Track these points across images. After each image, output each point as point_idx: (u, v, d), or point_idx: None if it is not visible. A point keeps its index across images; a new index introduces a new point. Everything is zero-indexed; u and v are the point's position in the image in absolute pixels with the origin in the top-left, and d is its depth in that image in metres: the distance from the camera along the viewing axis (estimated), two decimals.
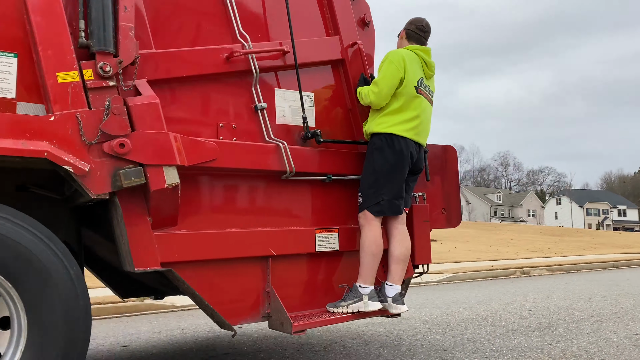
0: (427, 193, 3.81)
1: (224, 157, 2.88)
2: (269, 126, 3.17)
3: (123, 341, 4.67)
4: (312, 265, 3.30)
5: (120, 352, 4.24)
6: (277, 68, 3.28)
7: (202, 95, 3.02)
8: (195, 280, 2.81)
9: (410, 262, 3.54)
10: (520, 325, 5.14)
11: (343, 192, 3.45)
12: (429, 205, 3.79)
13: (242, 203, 3.11)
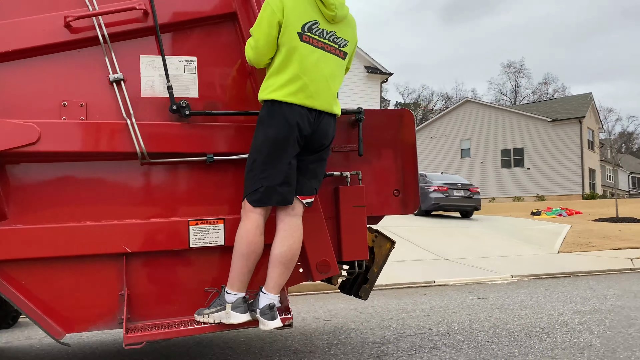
0: (372, 171, 3.10)
1: (51, 140, 2.50)
2: (127, 100, 2.65)
3: (324, 316, 5.04)
4: (185, 264, 2.73)
5: (324, 325, 4.59)
6: (139, 31, 2.70)
7: (37, 71, 2.59)
8: (29, 281, 2.49)
9: (329, 262, 2.81)
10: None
11: (233, 175, 2.80)
12: (376, 186, 3.10)
13: (89, 192, 2.63)
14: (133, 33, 2.71)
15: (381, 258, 3.34)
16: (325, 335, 4.11)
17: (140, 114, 2.66)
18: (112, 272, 2.62)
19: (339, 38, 2.65)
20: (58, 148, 2.53)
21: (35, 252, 2.50)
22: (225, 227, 2.73)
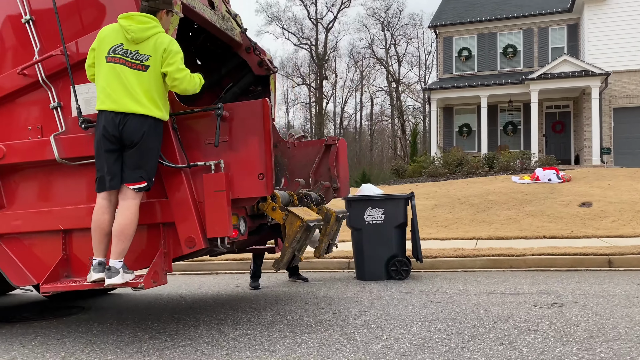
0: (239, 159, 3.57)
1: (12, 154, 3.90)
2: (61, 121, 3.81)
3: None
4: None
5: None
6: (65, 70, 3.74)
7: (13, 106, 3.97)
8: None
9: (194, 238, 3.50)
10: None
11: None
12: (243, 171, 3.57)
13: (43, 187, 3.95)
14: (60, 72, 3.80)
15: (292, 234, 3.90)
16: None
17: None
18: (57, 243, 3.90)
19: (141, 55, 3.40)
20: (18, 160, 3.90)
21: (16, 228, 3.98)
22: None
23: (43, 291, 3.76)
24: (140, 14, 3.46)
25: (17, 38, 4.01)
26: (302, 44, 53.06)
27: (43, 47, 3.91)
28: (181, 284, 6.89)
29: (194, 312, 4.90)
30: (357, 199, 6.57)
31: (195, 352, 3.53)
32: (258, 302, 5.25)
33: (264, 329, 4.09)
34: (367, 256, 6.46)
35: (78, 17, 3.83)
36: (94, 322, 4.61)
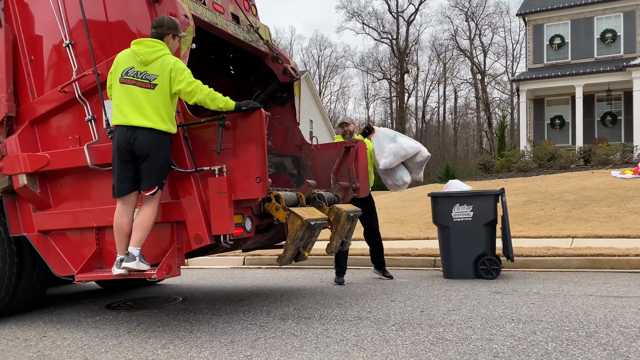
0: (238, 164, 3.90)
1: (55, 162, 4.40)
2: (94, 132, 4.27)
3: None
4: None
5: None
6: (98, 86, 4.15)
7: (58, 119, 4.48)
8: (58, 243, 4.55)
9: (201, 235, 3.87)
10: None
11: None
12: (243, 175, 3.89)
13: (81, 189, 4.44)
14: (93, 89, 4.23)
15: (293, 232, 4.17)
16: None
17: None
18: (92, 235, 4.40)
19: (149, 75, 3.77)
20: (60, 166, 4.41)
21: (60, 225, 4.52)
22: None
23: (77, 280, 4.21)
24: (149, 39, 3.84)
25: (60, 60, 4.50)
26: (383, 39, 52.59)
27: (80, 67, 4.37)
28: (268, 278, 7.10)
29: (282, 305, 5.03)
30: (443, 195, 6.43)
31: (285, 344, 3.63)
32: (344, 298, 5.29)
33: (351, 325, 4.12)
34: (454, 254, 6.30)
35: (109, 40, 4.26)
36: (190, 312, 4.87)
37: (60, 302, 5.75)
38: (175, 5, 4.09)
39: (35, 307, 5.33)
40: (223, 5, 5.01)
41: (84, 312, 5.08)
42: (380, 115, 57.54)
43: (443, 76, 52.05)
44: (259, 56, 5.52)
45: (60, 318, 4.86)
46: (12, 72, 4.62)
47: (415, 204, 13.33)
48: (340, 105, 65.98)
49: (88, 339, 4.01)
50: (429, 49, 63.98)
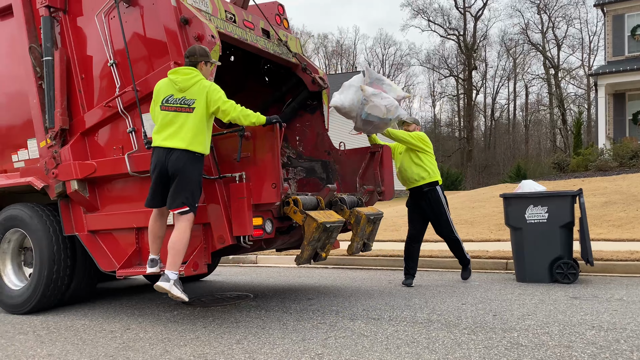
0: (257, 171, 4.22)
1: (101, 169, 4.87)
2: (134, 142, 4.69)
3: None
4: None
5: None
6: (136, 101, 4.59)
7: (104, 130, 4.97)
8: (104, 241, 5.01)
9: (224, 236, 4.21)
10: None
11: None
12: (261, 181, 4.21)
13: (123, 194, 4.88)
14: (134, 103, 4.67)
15: (309, 234, 4.45)
16: None
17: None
18: (133, 235, 4.84)
19: (187, 99, 4.04)
20: (105, 173, 4.87)
21: (106, 226, 4.99)
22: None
23: (119, 275, 4.68)
24: (184, 68, 4.13)
25: (106, 78, 4.96)
26: (449, 35, 51.48)
27: (123, 83, 4.78)
28: (335, 277, 7.16)
29: (350, 305, 5.07)
30: (516, 196, 6.22)
31: (355, 344, 3.66)
32: (412, 300, 5.25)
33: (421, 327, 4.09)
34: (528, 257, 6.08)
35: (147, 59, 4.68)
36: (261, 309, 5.01)
37: (140, 297, 6.08)
38: (203, 27, 4.43)
39: (87, 299, 5.80)
40: (253, 21, 5.45)
41: (162, 307, 5.36)
42: (447, 113, 56.38)
43: (513, 72, 50.23)
44: (289, 67, 5.97)
45: (141, 312, 5.15)
46: (65, 89, 5.11)
47: (485, 204, 12.97)
48: (405, 104, 65.22)
49: (167, 332, 4.23)
50: (497, 44, 61.87)
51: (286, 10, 6.23)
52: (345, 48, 63.86)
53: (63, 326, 4.64)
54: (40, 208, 5.32)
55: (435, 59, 53.94)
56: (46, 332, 4.45)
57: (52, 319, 4.98)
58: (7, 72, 5.60)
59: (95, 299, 5.98)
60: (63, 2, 5.17)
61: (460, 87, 51.61)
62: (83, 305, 5.61)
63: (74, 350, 3.85)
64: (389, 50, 64.68)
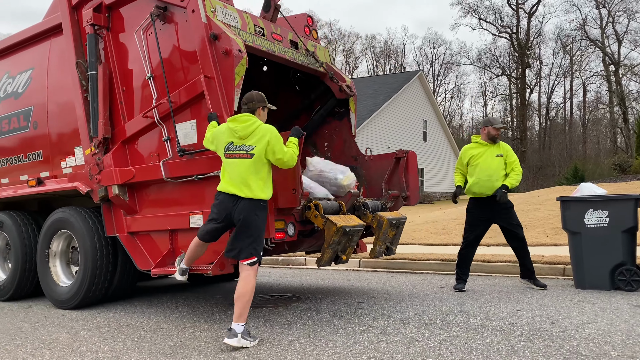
0: (280, 177, 4.42)
1: (139, 175, 5.19)
2: (169, 150, 5.00)
3: None
4: (188, 236, 4.81)
5: None
6: (171, 112, 4.86)
7: (142, 139, 5.29)
8: (143, 243, 5.32)
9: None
10: None
11: (208, 186, 4.71)
12: (280, 188, 4.44)
13: (159, 198, 5.20)
14: (168, 114, 4.93)
15: (329, 237, 4.59)
16: None
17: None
18: (167, 237, 5.12)
19: (247, 146, 4.07)
20: (143, 178, 5.19)
21: (144, 227, 5.30)
22: (204, 216, 4.65)
23: (153, 273, 4.96)
24: (242, 115, 4.17)
25: (144, 90, 5.28)
26: (501, 33, 50.19)
27: (159, 95, 5.08)
28: (385, 281, 7.12)
29: (401, 310, 5.03)
30: (575, 199, 6.00)
31: (407, 349, 3.64)
32: (465, 305, 5.16)
33: (474, 333, 4.01)
34: (587, 263, 5.85)
35: (180, 73, 4.96)
36: (312, 311, 5.05)
37: (195, 297, 6.27)
38: (231, 42, 4.62)
39: (128, 297, 6.12)
40: (282, 34, 5.69)
41: (216, 307, 5.50)
42: (499, 113, 54.91)
43: (569, 69, 48.41)
44: (318, 76, 6.20)
45: (197, 311, 5.31)
46: (108, 100, 5.45)
47: (540, 207, 12.56)
48: (455, 104, 64.10)
49: (222, 331, 4.34)
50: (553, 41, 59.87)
51: (316, 21, 6.51)
52: (394, 48, 63.42)
53: (123, 323, 4.84)
54: (84, 211, 5.69)
55: (486, 58, 52.70)
56: (108, 328, 4.66)
57: (112, 316, 5.21)
58: (58, 84, 6.05)
59: (152, 298, 6.21)
60: (106, 20, 5.54)
61: (513, 86, 50.20)
62: (141, 304, 5.84)
63: (134, 347, 4.02)
64: (438, 50, 63.77)
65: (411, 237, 10.79)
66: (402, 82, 32.79)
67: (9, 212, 6.47)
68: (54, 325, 4.90)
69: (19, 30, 6.70)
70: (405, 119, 31.87)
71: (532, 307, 4.96)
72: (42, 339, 4.36)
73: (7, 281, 6.35)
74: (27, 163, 6.47)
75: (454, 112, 62.20)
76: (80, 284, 5.53)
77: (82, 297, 5.52)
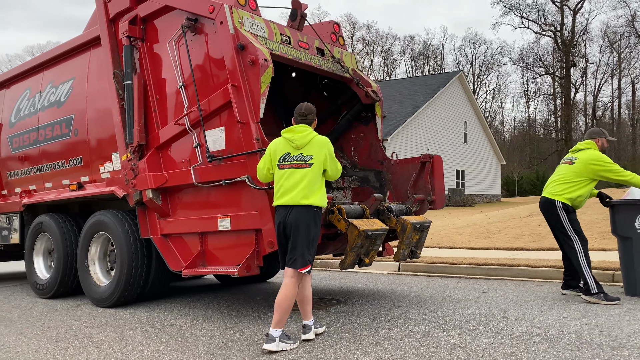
0: None
1: (171, 180, 5.40)
2: (199, 156, 5.17)
3: None
4: (216, 238, 5.18)
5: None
6: (200, 119, 5.06)
7: (175, 145, 5.49)
8: (176, 244, 5.52)
9: (273, 241, 4.52)
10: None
11: (235, 190, 4.92)
12: None
13: (190, 202, 5.41)
14: (198, 121, 5.12)
15: (352, 241, 4.62)
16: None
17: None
18: (197, 239, 5.31)
19: (305, 156, 4.09)
20: (175, 183, 5.40)
21: (176, 230, 5.49)
22: (231, 220, 4.92)
23: (184, 274, 5.14)
24: (298, 126, 4.21)
25: (176, 98, 5.49)
26: (545, 31, 48.91)
27: (190, 103, 5.26)
28: (425, 285, 7.03)
29: (443, 315, 4.96)
30: (625, 203, 5.77)
31: (449, 355, 3.58)
32: (509, 311, 5.04)
33: (519, 340, 3.91)
34: (638, 269, 5.61)
35: (209, 82, 5.13)
36: (351, 315, 5.04)
37: (236, 298, 6.35)
38: (257, 52, 4.77)
39: (162, 296, 6.32)
40: (308, 42, 5.84)
41: (257, 308, 5.56)
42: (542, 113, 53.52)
43: (618, 67, 46.70)
44: (344, 81, 6.32)
45: (237, 313, 5.38)
46: (143, 109, 5.69)
47: (587, 210, 12.15)
48: (496, 105, 62.82)
49: (262, 333, 4.38)
50: (599, 38, 57.84)
51: (342, 28, 6.69)
52: (433, 49, 62.71)
53: (167, 324, 4.96)
54: (121, 214, 5.95)
55: (529, 57, 51.47)
56: (152, 328, 4.78)
57: (157, 315, 5.34)
58: (97, 93, 6.38)
59: (194, 299, 6.34)
60: (141, 32, 5.79)
61: (557, 85, 48.81)
62: (184, 304, 5.96)
63: (177, 347, 4.11)
64: (478, 50, 62.64)
65: (452, 241, 10.63)
66: (441, 82, 32.36)
67: (52, 215, 6.80)
68: (101, 324, 5.06)
69: (62, 42, 7.11)
70: (445, 120, 31.44)
71: (579, 314, 4.80)
72: (91, 337, 4.51)
73: (51, 279, 6.68)
74: (69, 168, 6.81)
75: (495, 112, 60.94)
76: (117, 283, 5.77)
77: (118, 296, 5.77)
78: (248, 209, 4.83)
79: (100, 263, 6.26)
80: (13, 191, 7.83)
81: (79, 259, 6.32)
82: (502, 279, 7.34)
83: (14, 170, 7.80)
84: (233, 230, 4.93)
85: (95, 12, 6.36)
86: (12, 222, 7.66)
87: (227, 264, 5.02)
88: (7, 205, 7.74)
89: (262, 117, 4.76)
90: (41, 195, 7.20)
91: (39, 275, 6.94)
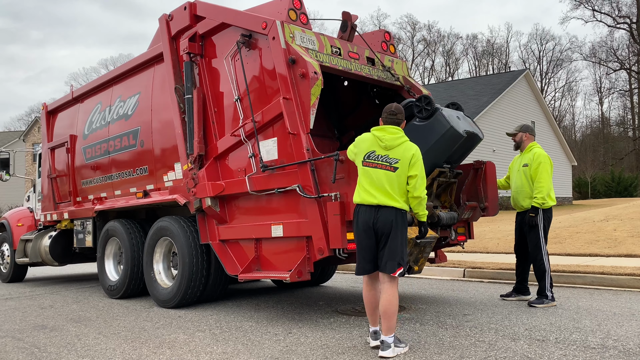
0: (349, 191, 4.46)
1: (228, 188, 5.64)
2: (254, 165, 5.37)
3: None
4: (270, 244, 5.36)
5: None
6: (254, 131, 5.28)
7: (231, 155, 5.74)
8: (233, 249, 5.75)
9: (323, 248, 4.70)
10: None
11: (286, 199, 5.11)
12: (351, 200, 4.36)
13: (246, 209, 5.61)
14: (253, 133, 5.34)
15: None
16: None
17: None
18: (252, 245, 5.52)
19: (391, 158, 3.99)
20: (231, 192, 5.64)
21: (233, 236, 5.72)
22: (283, 227, 5.09)
23: (240, 278, 5.35)
24: (391, 127, 4.10)
25: (232, 111, 5.72)
26: (619, 24, 46.28)
27: (245, 115, 5.49)
28: (492, 292, 6.82)
29: (511, 324, 4.79)
30: None
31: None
32: (582, 322, 4.80)
33: (594, 353, 3.72)
34: None
35: (263, 95, 5.34)
36: (415, 322, 4.97)
37: (300, 303, 6.43)
38: (307, 65, 4.92)
39: (220, 298, 6.63)
40: (358, 52, 5.96)
41: (320, 314, 5.60)
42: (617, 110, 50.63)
43: None
44: (395, 89, 6.42)
45: (301, 317, 5.44)
46: (202, 121, 5.97)
47: None
48: (566, 103, 59.99)
49: (326, 339, 4.41)
50: None
51: (393, 36, 6.78)
52: (497, 47, 60.83)
53: (233, 326, 5.10)
54: (183, 220, 6.23)
55: (601, 52, 48.88)
56: (220, 331, 4.92)
57: (224, 318, 5.50)
58: (160, 106, 6.76)
59: (259, 302, 6.47)
60: (200, 48, 6.07)
61: (633, 80, 46.00)
62: (249, 307, 6.11)
63: (244, 350, 4.21)
64: (546, 46, 59.88)
65: None
66: (507, 82, 31.32)
67: (120, 220, 7.22)
68: (172, 325, 5.28)
69: (131, 54, 7.73)
70: (511, 121, 30.32)
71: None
72: (162, 338, 4.71)
73: (120, 281, 7.10)
74: (136, 177, 7.23)
75: (565, 111, 58.25)
76: (179, 285, 6.07)
77: (180, 297, 6.07)
78: (299, 217, 5.00)
79: (164, 266, 6.58)
80: (86, 198, 8.35)
81: (145, 262, 6.67)
82: (575, 287, 7.00)
83: (87, 179, 8.33)
84: (285, 236, 5.11)
85: (158, 30, 6.72)
86: (86, 226, 8.20)
87: (280, 269, 5.19)
88: (81, 211, 8.27)
89: (312, 127, 4.91)
90: (111, 202, 7.66)
91: (110, 277, 7.39)
